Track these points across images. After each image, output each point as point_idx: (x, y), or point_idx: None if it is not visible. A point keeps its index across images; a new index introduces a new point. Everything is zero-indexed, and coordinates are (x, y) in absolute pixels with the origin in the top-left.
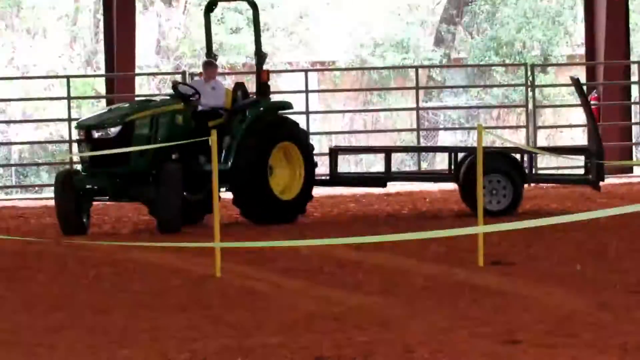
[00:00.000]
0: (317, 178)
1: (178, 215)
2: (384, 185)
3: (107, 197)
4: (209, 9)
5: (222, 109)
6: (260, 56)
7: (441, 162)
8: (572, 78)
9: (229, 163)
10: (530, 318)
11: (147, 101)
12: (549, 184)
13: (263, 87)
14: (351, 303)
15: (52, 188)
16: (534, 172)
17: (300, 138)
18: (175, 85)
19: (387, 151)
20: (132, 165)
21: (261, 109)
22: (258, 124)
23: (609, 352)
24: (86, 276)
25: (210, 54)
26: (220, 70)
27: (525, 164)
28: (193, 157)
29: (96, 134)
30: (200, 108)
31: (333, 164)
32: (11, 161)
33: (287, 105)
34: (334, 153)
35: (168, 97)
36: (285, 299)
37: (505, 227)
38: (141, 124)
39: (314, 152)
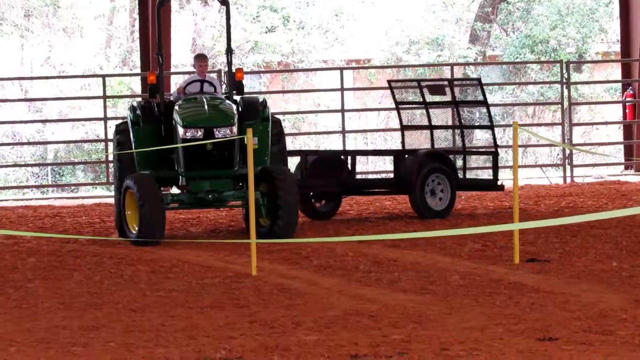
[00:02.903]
0: None
1: (297, 217)
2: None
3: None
4: (161, 4)
5: None
6: (231, 54)
7: (476, 159)
8: (388, 81)
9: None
10: (566, 315)
11: (216, 98)
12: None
13: (238, 85)
14: (387, 301)
15: (90, 187)
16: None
17: None
18: (183, 89)
19: (353, 154)
20: (242, 167)
21: (261, 108)
22: (271, 125)
23: None
24: (122, 275)
25: (160, 50)
26: (255, 68)
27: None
28: None
29: (219, 134)
30: None
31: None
32: (47, 160)
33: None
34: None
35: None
36: (321, 296)
37: (541, 224)
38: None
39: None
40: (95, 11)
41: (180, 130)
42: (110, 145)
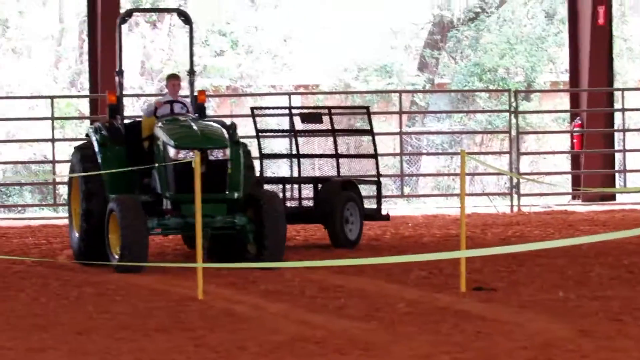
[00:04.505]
0: None
1: (284, 244)
2: None
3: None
4: (123, 21)
5: None
6: (193, 75)
7: (424, 187)
8: (251, 109)
9: (235, 192)
10: (511, 345)
11: (199, 120)
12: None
13: (200, 108)
14: (333, 327)
15: (37, 208)
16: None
17: None
18: (155, 109)
19: None
20: (240, 191)
21: (232, 132)
22: (240, 147)
23: None
24: (68, 297)
25: (120, 69)
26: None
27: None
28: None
29: (211, 156)
30: None
31: None
32: None
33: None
34: None
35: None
36: (267, 322)
37: (488, 252)
38: None
39: None
40: (45, 33)
41: (172, 152)
42: (58, 167)
